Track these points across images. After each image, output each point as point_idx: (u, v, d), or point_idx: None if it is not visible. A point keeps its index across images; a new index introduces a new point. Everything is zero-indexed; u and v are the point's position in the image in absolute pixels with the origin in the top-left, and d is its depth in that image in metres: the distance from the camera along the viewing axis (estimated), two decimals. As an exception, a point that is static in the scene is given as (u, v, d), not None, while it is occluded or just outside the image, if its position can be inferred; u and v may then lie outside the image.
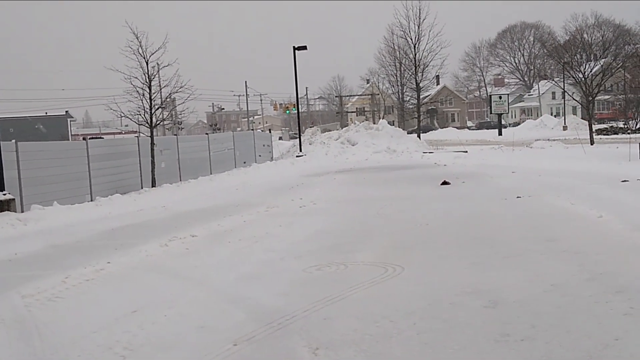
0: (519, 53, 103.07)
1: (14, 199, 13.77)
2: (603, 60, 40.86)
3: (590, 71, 32.89)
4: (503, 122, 61.49)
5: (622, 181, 13.29)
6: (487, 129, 72.28)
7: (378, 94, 77.38)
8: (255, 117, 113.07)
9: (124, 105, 20.81)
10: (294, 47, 34.85)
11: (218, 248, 8.50)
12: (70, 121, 64.63)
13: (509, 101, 67.75)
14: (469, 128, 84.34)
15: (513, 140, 34.74)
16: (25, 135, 45.43)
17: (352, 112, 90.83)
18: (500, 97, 59.92)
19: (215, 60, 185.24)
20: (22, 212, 13.79)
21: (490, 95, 65.20)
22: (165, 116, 22.13)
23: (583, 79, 31.98)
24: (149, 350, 4.50)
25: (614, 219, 8.70)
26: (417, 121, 46.09)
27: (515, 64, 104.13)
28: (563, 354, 3.93)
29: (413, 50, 44.67)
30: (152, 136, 20.58)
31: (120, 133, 48.63)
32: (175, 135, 29.15)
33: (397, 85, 55.93)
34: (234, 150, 28.56)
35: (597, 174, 15.36)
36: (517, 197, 11.95)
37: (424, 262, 6.88)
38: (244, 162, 28.84)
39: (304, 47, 34.81)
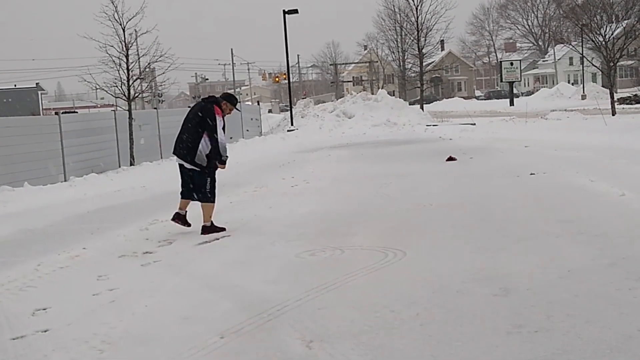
0: (532, 15, 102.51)
1: (-21, 180, 13.71)
2: (626, 21, 40.63)
3: (612, 34, 32.68)
4: (515, 91, 61.41)
5: (645, 155, 13.29)
6: (498, 98, 72.28)
7: (377, 62, 77.15)
8: (243, 88, 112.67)
9: (99, 76, 20.77)
10: (284, 10, 34.55)
11: (203, 232, 8.48)
12: (41, 94, 64.37)
13: (522, 68, 67.55)
14: (477, 98, 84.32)
15: (526, 111, 34.72)
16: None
17: (349, 81, 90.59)
18: (511, 64, 59.77)
19: (199, 27, 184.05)
20: (-11, 193, 13.74)
21: (501, 62, 65.06)
22: (144, 88, 22.11)
23: (603, 42, 31.81)
24: (129, 343, 4.49)
25: (638, 197, 8.69)
26: (420, 91, 46.07)
27: (528, 26, 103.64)
28: (581, 346, 3.92)
29: (415, 12, 44.57)
30: (130, 110, 20.49)
31: (95, 107, 48.47)
32: (156, 108, 29.03)
33: (398, 51, 55.88)
34: (220, 125, 28.37)
35: (619, 147, 15.37)
36: (531, 174, 11.96)
37: (427, 246, 6.88)
38: (230, 138, 28.66)
39: (295, 11, 34.51)
